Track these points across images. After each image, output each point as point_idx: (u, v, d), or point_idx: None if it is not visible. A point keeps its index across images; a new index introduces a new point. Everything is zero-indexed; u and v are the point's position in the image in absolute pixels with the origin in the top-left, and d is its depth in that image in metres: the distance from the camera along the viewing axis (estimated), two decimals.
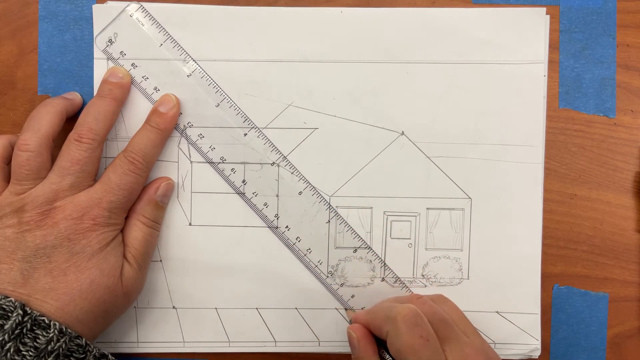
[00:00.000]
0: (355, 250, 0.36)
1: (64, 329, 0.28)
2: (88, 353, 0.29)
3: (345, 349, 0.36)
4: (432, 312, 0.30)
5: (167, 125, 0.34)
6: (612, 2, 0.36)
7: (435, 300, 0.33)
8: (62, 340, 0.28)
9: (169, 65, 0.35)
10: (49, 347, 0.28)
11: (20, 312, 0.28)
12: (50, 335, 0.28)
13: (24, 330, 0.28)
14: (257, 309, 0.36)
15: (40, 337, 0.28)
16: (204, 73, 0.35)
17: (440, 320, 0.30)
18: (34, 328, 0.28)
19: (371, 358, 0.31)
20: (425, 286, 0.36)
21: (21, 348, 0.28)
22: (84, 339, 0.29)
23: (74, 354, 0.29)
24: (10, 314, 0.28)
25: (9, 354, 0.27)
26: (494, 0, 0.36)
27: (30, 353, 0.28)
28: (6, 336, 0.27)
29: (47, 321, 0.28)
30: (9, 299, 0.28)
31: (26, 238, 0.30)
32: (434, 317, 0.30)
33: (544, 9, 0.35)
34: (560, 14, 0.36)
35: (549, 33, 0.36)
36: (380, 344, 0.31)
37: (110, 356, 0.31)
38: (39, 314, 0.28)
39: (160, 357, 0.36)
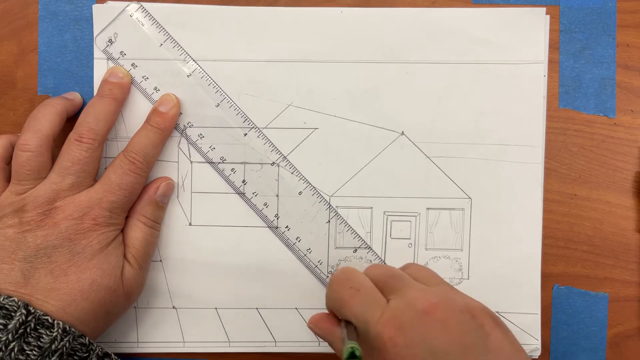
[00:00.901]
0: (355, 250, 0.36)
1: (68, 328, 0.28)
2: (91, 352, 0.29)
3: None
4: (383, 271, 0.30)
5: (167, 125, 0.34)
6: (612, 2, 0.36)
7: (404, 267, 0.32)
8: (65, 339, 0.28)
9: (169, 65, 0.35)
10: (53, 346, 0.28)
11: (24, 311, 0.28)
12: (54, 334, 0.28)
13: (28, 330, 0.28)
14: (257, 309, 0.36)
15: (44, 336, 0.28)
16: (204, 73, 0.35)
17: (391, 276, 0.30)
18: (38, 327, 0.28)
19: (333, 332, 0.30)
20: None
21: (25, 347, 0.28)
22: (87, 338, 0.29)
23: (77, 353, 0.29)
24: (13, 314, 0.28)
25: (12, 354, 0.27)
26: (494, 0, 0.36)
27: (35, 352, 0.28)
28: (10, 335, 0.27)
29: (50, 320, 0.28)
30: (11, 299, 0.28)
31: (27, 238, 0.30)
32: (385, 275, 0.30)
33: (544, 9, 0.35)
34: (560, 14, 0.36)
35: (549, 33, 0.35)
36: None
37: (113, 356, 0.31)
38: (42, 313, 0.28)
39: (160, 357, 0.36)
